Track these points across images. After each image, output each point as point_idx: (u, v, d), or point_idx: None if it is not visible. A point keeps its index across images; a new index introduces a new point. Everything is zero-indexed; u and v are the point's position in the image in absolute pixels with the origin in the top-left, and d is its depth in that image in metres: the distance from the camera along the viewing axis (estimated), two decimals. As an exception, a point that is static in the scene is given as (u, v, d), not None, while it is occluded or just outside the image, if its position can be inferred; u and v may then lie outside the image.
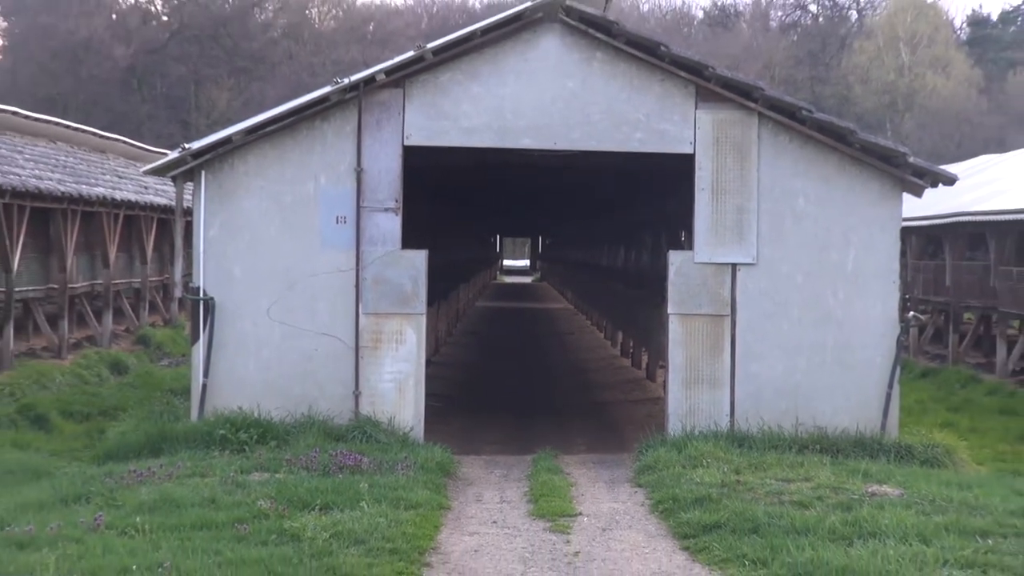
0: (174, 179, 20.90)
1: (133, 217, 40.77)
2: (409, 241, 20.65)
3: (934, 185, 21.17)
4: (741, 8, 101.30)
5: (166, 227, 42.75)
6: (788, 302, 20.31)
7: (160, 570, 12.23)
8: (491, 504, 16.57)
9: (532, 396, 29.32)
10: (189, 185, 20.61)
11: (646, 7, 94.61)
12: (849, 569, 12.57)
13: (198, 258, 20.41)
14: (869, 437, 19.49)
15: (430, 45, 20.72)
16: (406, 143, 20.36)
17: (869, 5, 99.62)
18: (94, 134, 49.80)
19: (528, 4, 20.80)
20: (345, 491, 15.48)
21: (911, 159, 20.70)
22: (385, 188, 20.33)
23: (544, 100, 20.44)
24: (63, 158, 40.22)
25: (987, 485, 17.31)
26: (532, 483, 17.77)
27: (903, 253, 21.27)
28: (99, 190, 36.75)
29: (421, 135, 20.40)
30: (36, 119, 43.57)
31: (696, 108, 20.42)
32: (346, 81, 20.46)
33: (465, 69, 20.47)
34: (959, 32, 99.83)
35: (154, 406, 23.82)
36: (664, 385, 21.32)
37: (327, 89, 20.50)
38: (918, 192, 20.97)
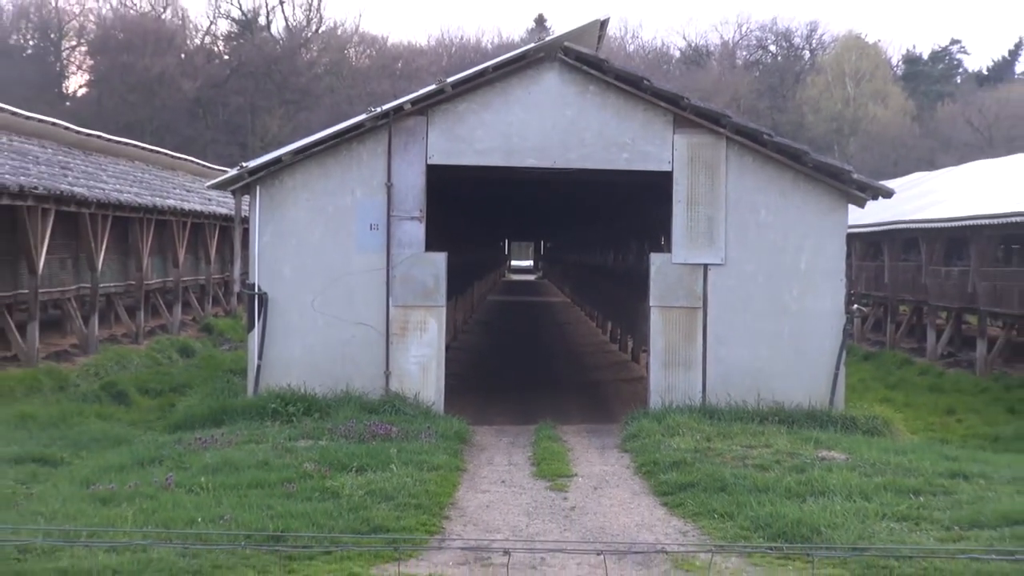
0: (233, 193, 20.96)
1: (198, 224, 40.85)
2: (431, 244, 20.68)
3: (875, 198, 21.28)
4: (711, 48, 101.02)
5: (226, 233, 42.81)
6: (751, 297, 20.38)
7: (221, 522, 12.37)
8: (500, 466, 16.67)
9: (535, 376, 29.33)
10: (246, 198, 20.67)
11: (632, 47, 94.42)
12: (802, 521, 12.70)
13: (253, 259, 20.50)
14: (819, 410, 19.56)
15: (449, 80, 20.88)
16: (429, 162, 20.44)
17: (819, 46, 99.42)
18: (166, 155, 49.97)
19: (532, 46, 21.06)
20: (377, 455, 15.58)
21: (855, 176, 20.79)
22: (411, 200, 20.41)
23: (545, 126, 20.51)
24: (140, 175, 40.39)
25: (919, 451, 17.38)
26: (535, 449, 17.86)
27: (848, 255, 21.31)
28: (170, 202, 36.85)
29: (441, 155, 20.47)
30: (117, 141, 43.68)
31: (673, 133, 20.48)
32: (378, 110, 20.58)
33: (479, 100, 20.55)
34: (896, 69, 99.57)
35: (216, 384, 23.87)
36: (646, 367, 21.38)
37: (362, 117, 20.61)
38: (861, 204, 21.07)
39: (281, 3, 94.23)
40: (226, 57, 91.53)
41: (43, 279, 27.62)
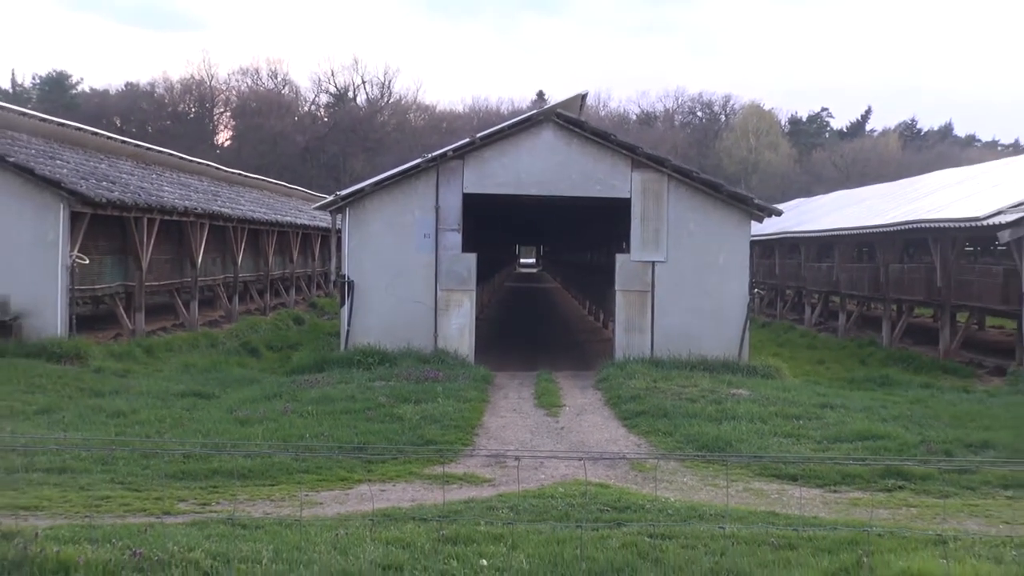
0: (331, 212, 20.96)
1: (307, 234, 40.95)
2: (465, 247, 20.63)
3: (769, 216, 21.33)
4: (657, 113, 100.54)
5: (325, 240, 42.90)
6: (685, 284, 20.32)
7: (322, 437, 12.44)
8: (513, 400, 16.67)
9: (536, 338, 29.38)
10: (340, 216, 20.70)
11: (603, 112, 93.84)
12: (719, 437, 12.70)
13: (344, 258, 20.53)
14: (731, 361, 19.53)
15: (478, 135, 20.87)
16: (464, 191, 20.38)
17: (731, 111, 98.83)
18: (284, 186, 50.10)
19: (534, 112, 21.15)
20: (428, 392, 15.63)
21: (756, 201, 20.83)
22: (452, 217, 20.39)
23: (543, 166, 20.44)
24: (266, 200, 40.50)
25: (799, 389, 17.40)
26: (536, 388, 17.86)
27: (751, 255, 21.23)
28: (287, 218, 36.96)
29: (472, 186, 20.41)
30: (251, 177, 43.88)
31: (632, 171, 20.42)
32: (429, 156, 20.60)
33: (498, 148, 20.49)
34: (783, 127, 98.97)
35: (318, 342, 23.96)
36: (612, 332, 21.36)
37: (419, 160, 20.61)
38: (760, 220, 21.08)
39: (363, 82, 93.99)
40: (325, 119, 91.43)
41: (201, 271, 27.77)
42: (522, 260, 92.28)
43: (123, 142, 32.56)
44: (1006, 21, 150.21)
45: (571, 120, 20.63)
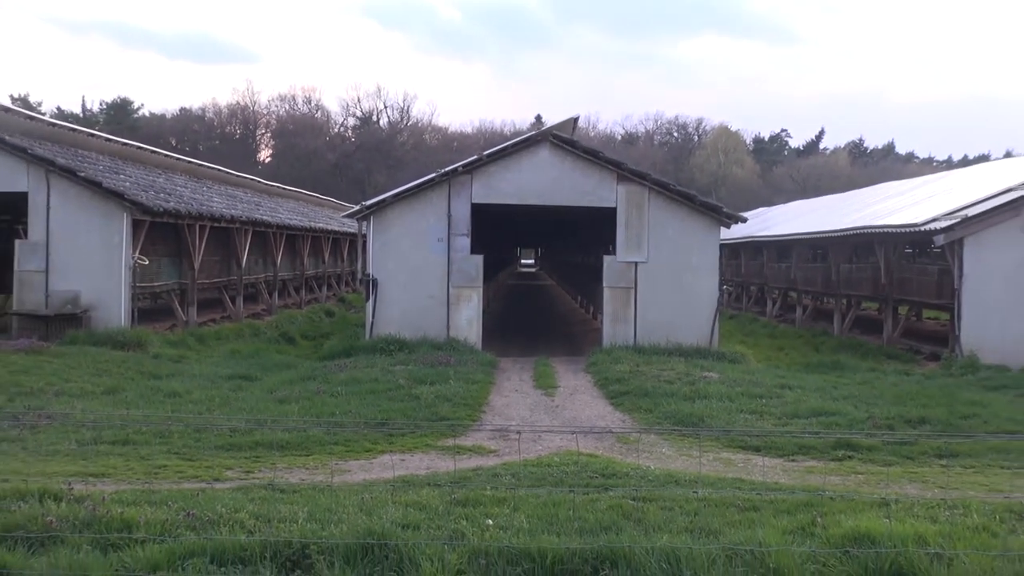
0: (357, 220, 20.92)
1: (336, 238, 40.94)
2: (473, 250, 20.58)
3: (736, 223, 21.24)
4: (639, 134, 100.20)
5: (352, 243, 42.92)
6: (663, 281, 20.27)
7: (349, 413, 12.42)
8: (514, 382, 16.65)
9: (534, 328, 29.36)
10: (365, 223, 20.69)
11: (592, 133, 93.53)
12: (694, 414, 12.69)
13: (369, 259, 20.49)
14: (703, 348, 19.50)
15: (484, 153, 20.80)
16: (472, 201, 20.32)
17: (704, 132, 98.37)
18: (316, 197, 50.04)
19: (533, 133, 21.14)
20: (442, 375, 15.60)
21: (724, 210, 20.73)
22: (462, 224, 20.35)
23: (542, 180, 20.37)
24: (302, 209, 40.45)
25: (762, 372, 17.39)
26: (535, 371, 17.86)
27: (720, 257, 21.18)
28: (320, 225, 36.89)
29: (480, 197, 20.36)
30: (288, 189, 43.82)
31: (617, 184, 20.38)
32: (442, 171, 20.53)
33: (502, 164, 20.44)
34: (748, 145, 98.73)
35: (347, 332, 23.94)
36: (601, 323, 21.36)
37: (433, 175, 20.56)
38: (728, 226, 20.95)
39: (385, 107, 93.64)
40: (352, 139, 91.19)
41: (245, 271, 27.76)
42: (522, 261, 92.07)
43: (177, 159, 32.58)
44: (940, 55, 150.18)
45: (565, 140, 20.58)
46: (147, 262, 21.16)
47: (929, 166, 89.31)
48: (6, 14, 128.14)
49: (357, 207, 20.99)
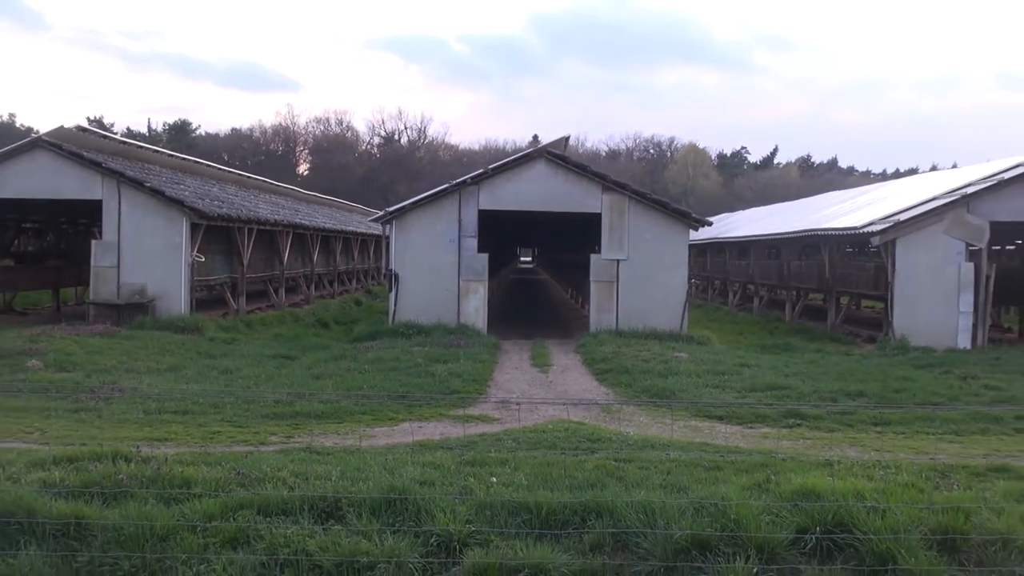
0: (382, 223, 20.89)
1: (365, 239, 40.78)
2: (480, 249, 20.46)
3: (703, 226, 21.10)
4: (620, 151, 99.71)
5: (378, 243, 42.83)
6: (641, 276, 20.18)
7: (375, 387, 12.37)
8: (515, 361, 16.61)
9: (532, 316, 29.29)
10: (388, 226, 20.63)
11: (581, 149, 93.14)
12: (666, 388, 12.64)
13: (392, 257, 20.40)
14: (675, 332, 19.44)
15: (490, 167, 20.66)
16: (479, 208, 20.21)
17: (675, 149, 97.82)
18: (347, 204, 49.88)
19: (531, 149, 20.98)
20: (453, 355, 15.56)
21: (693, 215, 20.65)
22: (470, 227, 20.26)
23: (538, 189, 20.24)
24: (335, 214, 40.27)
25: (725, 353, 17.32)
26: (532, 352, 17.80)
27: (689, 255, 21.10)
28: (350, 228, 36.77)
29: (486, 204, 20.23)
30: (323, 198, 43.65)
31: (602, 193, 20.27)
32: (454, 182, 20.43)
33: (505, 176, 20.32)
34: (713, 160, 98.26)
35: (373, 318, 23.86)
36: (588, 311, 21.32)
37: (446, 186, 20.44)
38: (696, 229, 20.84)
39: (406, 128, 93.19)
40: (377, 155, 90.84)
41: (286, 267, 27.69)
42: (521, 259, 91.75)
43: (229, 172, 32.51)
44: (876, 84, 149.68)
45: (558, 156, 20.47)
46: (203, 259, 21.14)
47: (867, 178, 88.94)
48: (87, 50, 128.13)
49: (381, 213, 20.91)
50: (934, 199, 21.14)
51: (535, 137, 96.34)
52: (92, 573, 4.93)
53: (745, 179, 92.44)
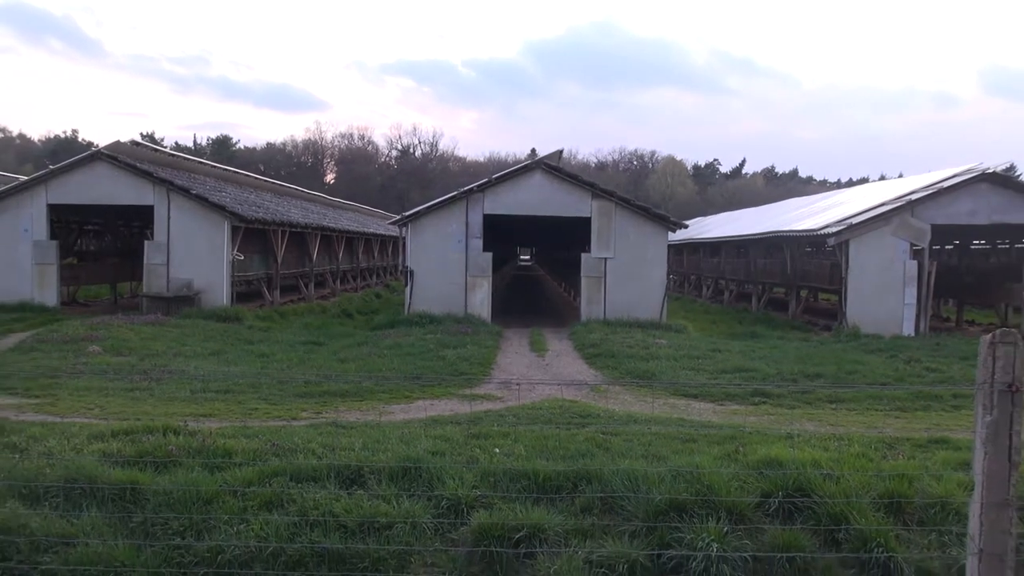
0: (399, 226, 20.84)
1: (384, 240, 40.71)
2: (485, 248, 20.43)
3: (680, 228, 21.02)
4: (608, 163, 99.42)
5: (396, 244, 42.73)
6: (625, 272, 20.15)
7: (392, 369, 12.34)
8: (515, 347, 16.56)
9: (530, 307, 29.25)
10: (405, 228, 20.57)
11: (573, 161, 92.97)
12: (648, 371, 12.63)
13: (408, 255, 20.36)
14: (656, 322, 19.36)
15: (493, 176, 20.59)
16: (484, 212, 20.15)
17: (656, 161, 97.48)
18: (368, 209, 49.76)
19: (529, 161, 20.82)
20: (461, 341, 15.51)
21: (672, 219, 20.54)
22: (477, 229, 20.22)
23: (536, 196, 20.19)
24: (358, 218, 40.16)
25: (699, 340, 17.27)
26: (531, 338, 17.76)
27: (668, 254, 21.05)
28: (371, 230, 36.71)
29: (490, 209, 20.18)
30: (348, 203, 43.51)
31: (592, 200, 20.21)
32: (462, 190, 20.36)
33: (506, 184, 20.27)
34: (689, 171, 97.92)
35: (391, 309, 23.77)
36: (579, 303, 21.30)
37: (455, 193, 20.36)
38: (674, 231, 20.74)
39: (419, 142, 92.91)
40: (395, 166, 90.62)
41: (315, 264, 27.65)
42: (521, 258, 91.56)
43: (264, 180, 32.46)
44: (831, 103, 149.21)
45: (553, 167, 20.42)
46: (243, 257, 21.14)
47: (824, 186, 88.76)
48: (140, 74, 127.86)
49: (399, 217, 20.87)
50: (882, 205, 21.08)
51: (533, 150, 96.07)
52: (146, 532, 4.94)
53: (717, 187, 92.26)
